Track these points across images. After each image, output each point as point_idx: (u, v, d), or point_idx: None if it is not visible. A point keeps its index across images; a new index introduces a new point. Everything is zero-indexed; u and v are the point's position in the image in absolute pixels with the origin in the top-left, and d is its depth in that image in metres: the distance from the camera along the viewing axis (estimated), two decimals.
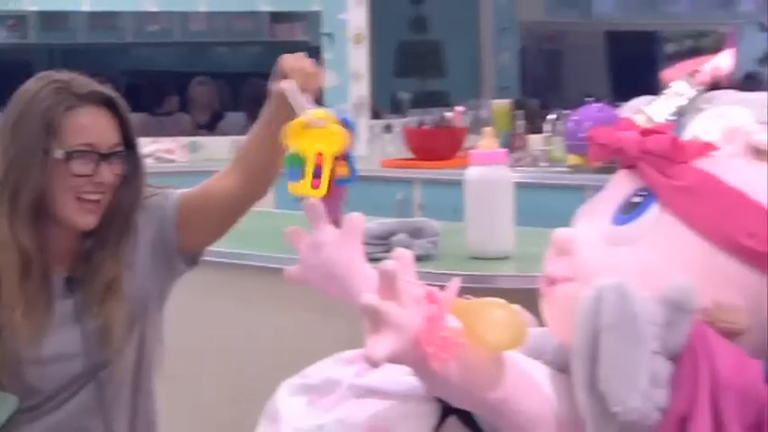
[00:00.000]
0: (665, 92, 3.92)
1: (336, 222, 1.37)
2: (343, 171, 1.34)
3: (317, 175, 1.31)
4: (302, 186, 1.31)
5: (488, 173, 1.98)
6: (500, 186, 1.99)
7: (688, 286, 1.21)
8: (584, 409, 1.17)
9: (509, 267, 1.99)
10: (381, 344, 1.09)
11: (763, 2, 8.81)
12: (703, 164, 1.29)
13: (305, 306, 2.09)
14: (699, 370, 1.18)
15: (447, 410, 1.25)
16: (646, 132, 1.34)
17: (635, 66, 7.97)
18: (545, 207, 3.27)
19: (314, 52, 5.25)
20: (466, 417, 1.25)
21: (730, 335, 1.23)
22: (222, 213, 1.73)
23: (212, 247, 1.77)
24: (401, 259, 1.15)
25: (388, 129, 4.26)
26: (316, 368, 1.36)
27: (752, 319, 1.24)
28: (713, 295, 1.23)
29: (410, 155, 4.01)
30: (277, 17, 7.20)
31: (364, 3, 4.59)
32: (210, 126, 6.39)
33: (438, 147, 3.87)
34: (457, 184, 3.79)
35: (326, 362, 1.37)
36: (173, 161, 4.67)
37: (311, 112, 1.34)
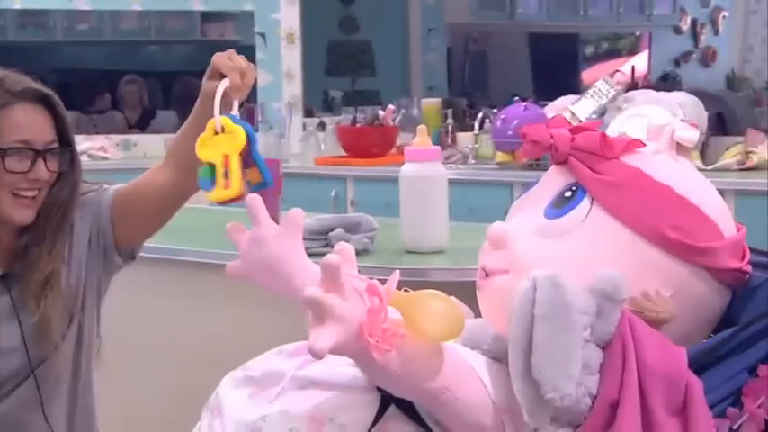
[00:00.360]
0: (588, 91, 4.00)
1: (274, 219, 1.37)
2: (255, 177, 1.36)
3: (227, 176, 1.32)
4: (217, 192, 1.33)
5: (423, 169, 2.00)
6: (434, 182, 2.01)
7: (617, 277, 1.24)
8: (519, 397, 1.19)
9: (443, 261, 2.00)
10: (325, 335, 1.09)
11: (677, 6, 9.01)
12: (631, 160, 1.32)
13: (243, 301, 2.08)
14: (627, 358, 1.21)
15: (388, 400, 1.26)
16: (576, 130, 1.36)
17: (557, 66, 8.08)
18: (475, 203, 3.31)
19: (246, 51, 5.22)
20: (406, 406, 1.26)
21: (656, 323, 1.26)
22: (157, 208, 1.72)
23: (151, 244, 1.75)
24: (343, 253, 1.16)
25: (321, 127, 4.26)
26: (258, 361, 1.36)
27: (677, 308, 1.28)
28: (640, 285, 1.27)
29: (343, 152, 4.02)
30: (208, 17, 7.12)
31: (296, 3, 4.58)
32: (142, 124, 6.31)
33: (370, 144, 3.88)
34: (389, 181, 3.82)
35: (268, 354, 1.37)
36: (106, 159, 4.60)
37: (215, 120, 1.35)
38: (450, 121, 4.10)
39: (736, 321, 1.31)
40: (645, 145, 1.35)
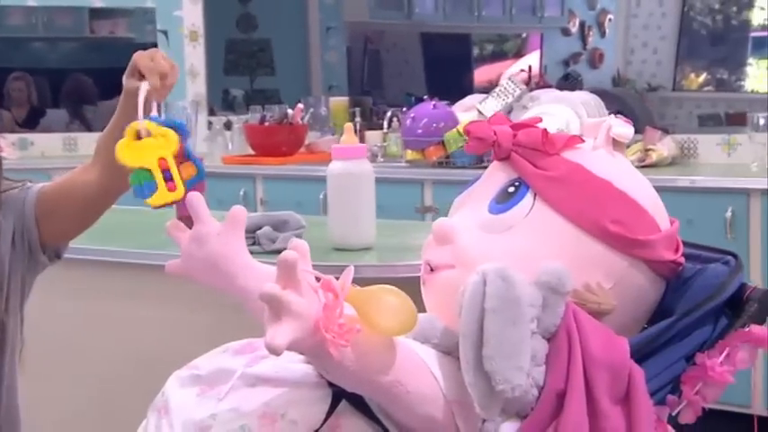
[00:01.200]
0: (494, 90, 4.06)
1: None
2: (191, 171, 1.35)
3: (168, 178, 1.31)
4: (161, 196, 1.31)
5: (350, 167, 2.00)
6: (362, 179, 2.02)
7: (562, 270, 1.27)
8: (471, 389, 1.20)
9: (372, 258, 2.01)
10: (282, 332, 1.09)
11: (565, 8, 9.25)
12: (572, 155, 1.36)
13: (173, 301, 2.05)
14: (572, 349, 1.24)
15: (339, 395, 1.27)
16: (518, 126, 1.39)
17: (449, 66, 8.19)
18: (385, 200, 3.32)
19: (144, 49, 5.12)
20: (357, 401, 1.27)
21: (598, 315, 1.30)
22: (84, 207, 1.69)
23: (77, 244, 1.72)
24: (299, 249, 1.16)
25: (227, 126, 4.21)
26: (204, 359, 1.35)
27: (617, 299, 1.31)
28: (583, 278, 1.30)
29: (251, 151, 4.00)
30: (97, 13, 6.97)
31: (199, 0, 4.52)
32: (31, 123, 6.13)
33: (279, 143, 3.87)
34: (299, 180, 3.84)
35: (214, 353, 1.36)
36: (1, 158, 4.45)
37: (138, 124, 1.34)
38: (358, 119, 4.12)
39: (670, 312, 1.35)
40: (584, 141, 1.38)
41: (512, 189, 1.35)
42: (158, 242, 2.01)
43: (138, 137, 1.33)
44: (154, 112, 1.39)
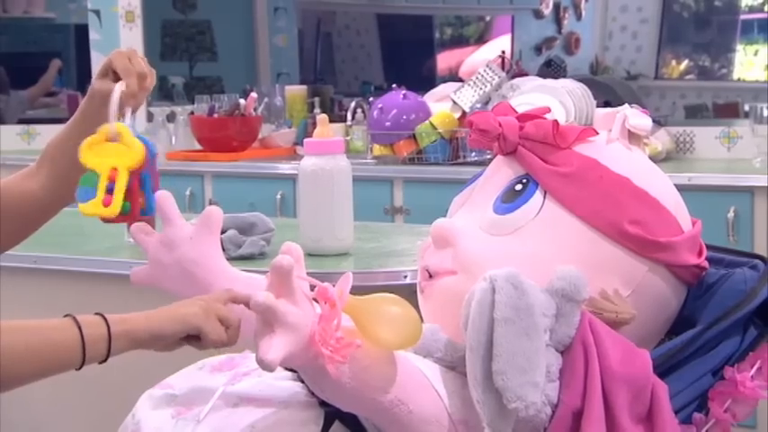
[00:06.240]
0: (470, 79, 4.06)
1: (149, 222, 1.39)
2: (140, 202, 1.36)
3: (110, 191, 1.32)
4: (93, 206, 1.32)
5: (325, 163, 2.00)
6: (338, 177, 2.02)
7: (577, 275, 1.28)
8: (479, 407, 1.21)
9: (350, 264, 2.01)
10: (276, 346, 1.10)
11: None
12: (584, 149, 1.37)
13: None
14: (589, 362, 1.25)
15: (332, 416, 1.28)
16: (524, 117, 1.40)
17: (408, 51, 8.20)
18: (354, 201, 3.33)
19: (63, 31, 5.07)
20: (352, 422, 1.28)
21: (616, 325, 1.32)
22: (22, 218, 1.65)
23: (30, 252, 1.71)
24: (293, 253, 1.16)
25: (170, 117, 4.18)
26: (178, 377, 1.35)
27: (636, 307, 1.33)
28: (598, 284, 1.32)
29: (198, 146, 3.98)
30: None
31: None
32: None
33: (230, 137, 3.85)
34: (252, 178, 3.82)
35: (189, 370, 1.36)
36: None
37: (109, 127, 1.35)
38: (317, 110, 4.11)
39: (691, 321, 1.38)
40: (598, 134, 1.40)
41: (519, 187, 1.37)
42: (120, 247, 2.00)
43: (107, 140, 1.35)
44: (127, 119, 1.39)
